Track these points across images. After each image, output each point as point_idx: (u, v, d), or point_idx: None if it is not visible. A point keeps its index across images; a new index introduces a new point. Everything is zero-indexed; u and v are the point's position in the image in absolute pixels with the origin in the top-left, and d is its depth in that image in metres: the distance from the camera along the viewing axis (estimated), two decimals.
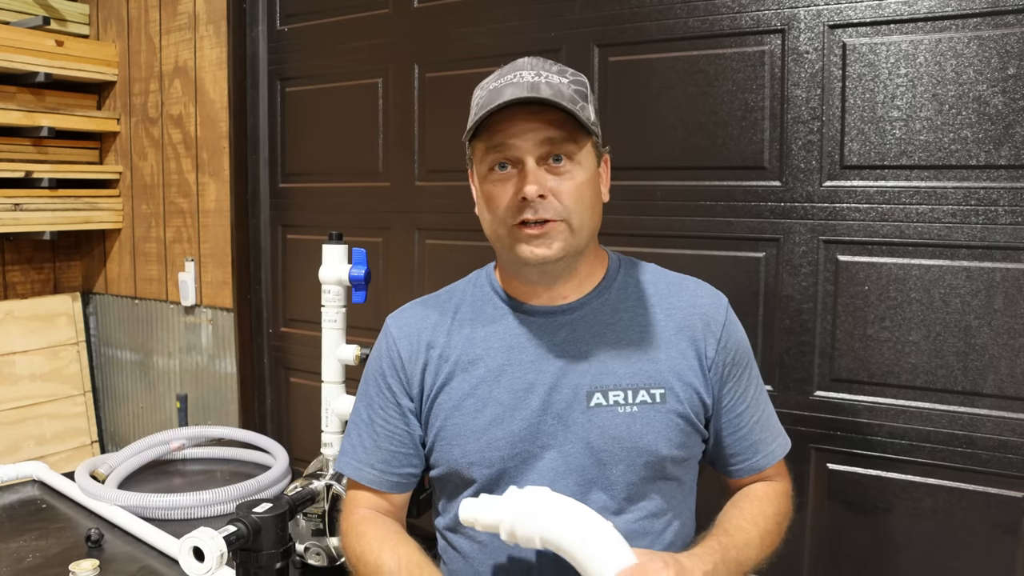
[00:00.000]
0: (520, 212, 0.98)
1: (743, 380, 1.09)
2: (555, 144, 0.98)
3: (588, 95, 1.03)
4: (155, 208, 2.64)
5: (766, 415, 1.12)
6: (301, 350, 2.34)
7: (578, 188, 0.99)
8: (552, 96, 0.96)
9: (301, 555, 1.41)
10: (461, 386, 1.06)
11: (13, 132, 2.46)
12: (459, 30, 1.96)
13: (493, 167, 1.01)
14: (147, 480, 1.84)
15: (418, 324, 1.13)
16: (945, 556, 1.43)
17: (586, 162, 1.01)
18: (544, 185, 0.97)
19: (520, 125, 0.97)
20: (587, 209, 1.01)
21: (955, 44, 1.38)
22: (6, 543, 1.48)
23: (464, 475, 1.05)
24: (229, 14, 2.34)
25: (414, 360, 1.10)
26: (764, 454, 1.10)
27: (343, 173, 2.22)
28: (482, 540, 1.05)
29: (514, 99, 0.94)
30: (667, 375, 1.04)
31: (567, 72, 1.03)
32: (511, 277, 1.10)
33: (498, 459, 1.03)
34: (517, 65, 1.03)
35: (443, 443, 1.06)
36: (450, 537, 1.12)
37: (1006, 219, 1.35)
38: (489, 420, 1.03)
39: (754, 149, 1.57)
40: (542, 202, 0.97)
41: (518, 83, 0.98)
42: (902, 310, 1.44)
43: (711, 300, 1.10)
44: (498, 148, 0.99)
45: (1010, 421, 1.36)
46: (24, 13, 2.50)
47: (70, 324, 2.74)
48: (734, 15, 1.57)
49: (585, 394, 1.02)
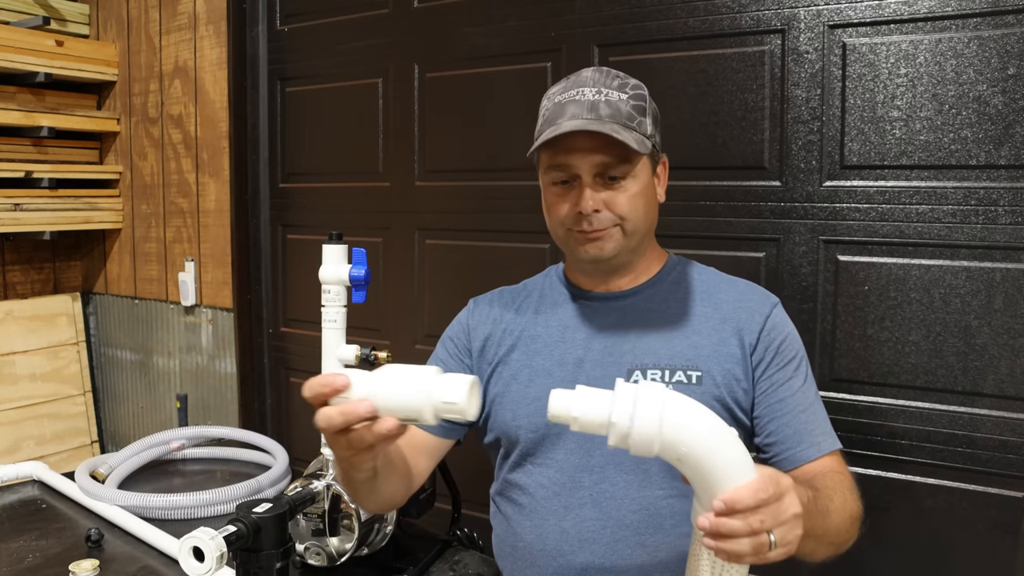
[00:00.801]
0: (577, 223, 1.09)
1: (788, 369, 1.10)
2: (609, 167, 1.06)
3: (647, 107, 1.10)
4: (155, 208, 2.64)
5: (814, 410, 1.10)
6: (301, 350, 2.34)
7: (631, 199, 1.07)
8: (609, 116, 1.04)
9: (301, 555, 1.41)
10: (520, 358, 1.16)
11: (13, 132, 2.46)
12: (459, 30, 1.96)
13: (555, 180, 1.10)
14: (147, 480, 1.84)
15: (493, 301, 1.26)
16: (945, 556, 1.43)
17: (641, 174, 1.09)
18: (598, 201, 1.06)
19: (579, 146, 1.05)
20: (641, 215, 1.09)
21: (955, 44, 1.38)
22: (6, 543, 1.48)
23: (511, 438, 1.14)
24: (229, 14, 2.34)
25: (479, 328, 1.22)
26: (809, 444, 1.07)
27: (343, 173, 2.22)
28: (522, 503, 1.13)
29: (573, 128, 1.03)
30: (706, 360, 1.08)
31: (628, 86, 1.09)
32: (574, 269, 1.21)
33: (541, 425, 1.10)
34: (581, 79, 1.09)
35: (499, 407, 1.16)
36: (497, 501, 1.20)
37: (1006, 219, 1.35)
38: (540, 389, 1.11)
39: (754, 149, 1.57)
40: (596, 216, 1.07)
41: (579, 101, 1.06)
42: (902, 310, 1.44)
43: (760, 297, 1.15)
44: (559, 167, 1.08)
45: (1010, 421, 1.36)
46: (24, 13, 2.50)
47: (70, 324, 2.74)
48: (734, 15, 1.58)
49: (626, 371, 1.09)
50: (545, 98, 1.13)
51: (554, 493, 1.09)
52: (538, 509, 1.11)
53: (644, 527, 1.06)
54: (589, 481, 1.08)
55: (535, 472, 1.12)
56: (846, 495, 1.00)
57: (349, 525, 1.38)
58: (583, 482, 1.08)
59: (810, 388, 1.12)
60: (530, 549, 1.11)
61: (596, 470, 1.08)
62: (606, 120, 1.04)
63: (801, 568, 1.56)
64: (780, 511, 0.74)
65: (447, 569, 1.50)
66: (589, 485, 1.08)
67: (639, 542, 1.06)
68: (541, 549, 1.10)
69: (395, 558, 1.49)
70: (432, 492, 1.53)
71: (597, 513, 1.07)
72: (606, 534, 1.06)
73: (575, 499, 1.08)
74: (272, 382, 2.44)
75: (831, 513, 0.94)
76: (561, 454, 1.09)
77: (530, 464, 1.13)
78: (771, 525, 0.73)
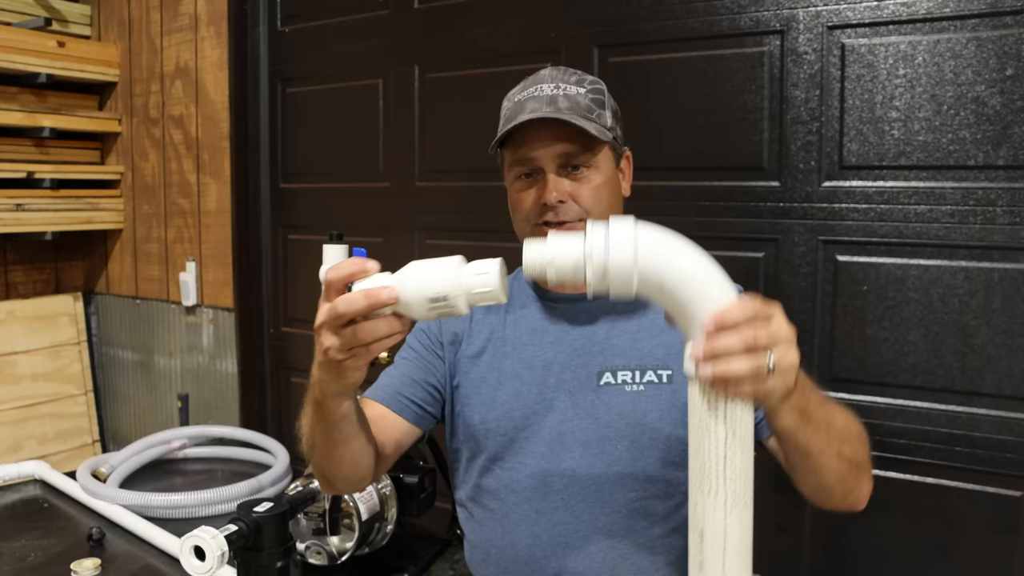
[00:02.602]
0: (542, 215, 1.07)
1: None
2: (571, 156, 1.05)
3: (605, 101, 1.09)
4: (156, 208, 2.65)
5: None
6: (302, 350, 2.34)
7: (595, 191, 1.07)
8: (568, 108, 1.04)
9: (302, 554, 1.41)
10: (490, 361, 1.14)
11: (15, 133, 2.47)
12: (459, 31, 1.97)
13: (519, 175, 1.10)
14: (148, 479, 1.85)
15: None
16: (944, 555, 1.43)
17: (604, 165, 1.08)
18: (563, 191, 1.05)
19: (540, 138, 1.05)
20: (605, 208, 1.07)
21: (953, 45, 1.38)
22: (8, 542, 1.48)
23: (479, 440, 1.12)
24: (230, 15, 2.35)
25: (449, 323, 1.18)
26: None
27: (343, 174, 2.22)
28: (493, 508, 1.11)
29: (532, 118, 1.03)
30: (677, 357, 1.07)
31: (585, 81, 1.10)
32: None
33: (511, 428, 1.09)
34: (539, 77, 1.10)
35: (467, 409, 1.13)
36: (469, 506, 1.17)
37: (1004, 219, 1.35)
38: (508, 392, 1.10)
39: (753, 150, 1.57)
40: (562, 206, 1.05)
41: (538, 96, 1.06)
42: (901, 310, 1.45)
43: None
44: (522, 161, 1.08)
45: (1008, 420, 1.37)
46: (26, 14, 2.50)
47: (72, 324, 2.75)
48: (733, 16, 1.58)
49: (596, 373, 1.08)
50: (505, 99, 1.13)
51: (525, 498, 1.07)
52: (510, 514, 1.08)
53: (618, 530, 1.04)
54: (560, 484, 1.06)
55: (504, 476, 1.09)
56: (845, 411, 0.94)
57: (350, 524, 1.39)
58: (554, 485, 1.06)
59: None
60: (503, 556, 1.09)
61: (567, 473, 1.05)
62: (565, 112, 1.03)
63: (801, 568, 1.56)
64: (773, 328, 0.69)
65: (447, 569, 1.50)
66: (560, 489, 1.06)
67: (612, 545, 1.04)
68: (514, 555, 1.08)
69: (395, 557, 1.49)
70: (432, 492, 1.54)
71: (569, 517, 1.05)
72: (579, 539, 1.04)
73: (547, 503, 1.06)
74: (273, 382, 2.45)
75: (829, 405, 0.87)
76: (531, 458, 1.07)
77: (499, 468, 1.10)
78: (766, 341, 0.68)
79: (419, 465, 1.53)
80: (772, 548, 1.58)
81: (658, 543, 1.06)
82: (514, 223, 1.13)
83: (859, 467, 0.93)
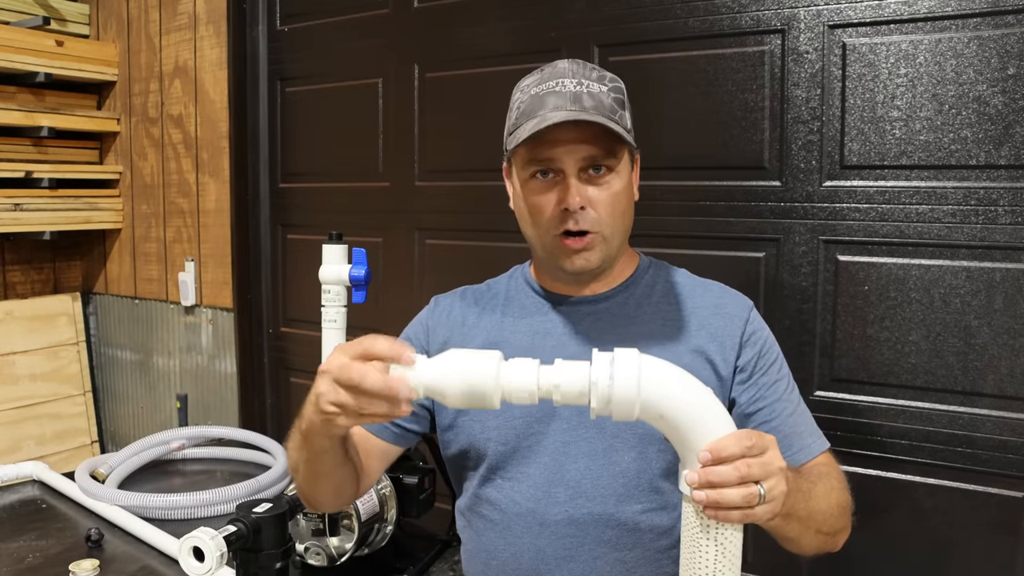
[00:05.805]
0: (563, 222, 1.02)
1: (771, 373, 1.08)
2: (596, 159, 1.01)
3: (624, 100, 1.05)
4: (155, 208, 2.64)
5: (800, 412, 1.08)
6: (301, 350, 2.34)
7: (614, 198, 1.02)
8: (593, 108, 0.99)
9: (301, 555, 1.41)
10: None
11: (13, 132, 2.46)
12: (459, 30, 1.96)
13: (534, 174, 1.04)
14: (147, 480, 1.84)
15: (455, 301, 1.19)
16: (945, 556, 1.43)
17: (623, 170, 1.04)
18: (585, 197, 1.01)
19: (564, 138, 0.99)
20: (620, 217, 1.04)
21: (955, 44, 1.38)
22: (6, 543, 1.48)
23: (479, 450, 1.08)
24: (229, 14, 2.34)
25: (438, 329, 1.15)
26: (799, 448, 1.05)
27: (343, 173, 2.22)
28: (494, 519, 1.07)
29: (562, 119, 0.97)
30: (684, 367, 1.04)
31: (606, 78, 1.05)
32: (545, 274, 1.14)
33: (513, 436, 1.05)
34: (558, 71, 1.04)
35: (465, 418, 1.09)
36: (468, 515, 1.14)
37: (1006, 219, 1.35)
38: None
39: (754, 149, 1.57)
40: (582, 213, 1.01)
41: (560, 93, 1.00)
42: (902, 310, 1.44)
43: (735, 302, 1.11)
44: (540, 161, 1.02)
45: (1010, 421, 1.36)
46: (24, 13, 2.50)
47: (70, 324, 2.74)
48: (734, 15, 1.58)
49: None
50: (518, 90, 1.06)
51: (528, 510, 1.04)
52: (512, 526, 1.05)
53: (622, 543, 1.02)
54: (564, 496, 1.03)
55: (506, 487, 1.06)
56: (832, 483, 0.99)
57: (349, 525, 1.38)
58: (558, 497, 1.03)
59: (793, 390, 1.10)
60: (504, 568, 1.06)
61: (571, 485, 1.03)
62: (591, 112, 0.98)
63: (801, 568, 1.56)
64: (766, 461, 0.74)
65: (447, 569, 1.50)
66: (564, 500, 1.03)
67: (618, 559, 1.02)
68: (516, 568, 1.05)
69: (395, 558, 1.49)
70: (432, 492, 1.53)
71: (574, 530, 1.02)
72: (584, 551, 1.02)
73: (551, 516, 1.03)
74: (272, 382, 2.44)
75: (814, 496, 0.92)
76: (534, 468, 1.04)
77: (500, 479, 1.07)
78: (759, 474, 0.73)
79: (419, 465, 1.53)
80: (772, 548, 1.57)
81: (664, 556, 1.03)
82: (527, 226, 1.08)
83: (838, 533, 1.00)
